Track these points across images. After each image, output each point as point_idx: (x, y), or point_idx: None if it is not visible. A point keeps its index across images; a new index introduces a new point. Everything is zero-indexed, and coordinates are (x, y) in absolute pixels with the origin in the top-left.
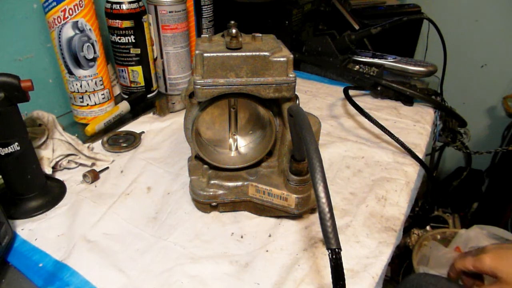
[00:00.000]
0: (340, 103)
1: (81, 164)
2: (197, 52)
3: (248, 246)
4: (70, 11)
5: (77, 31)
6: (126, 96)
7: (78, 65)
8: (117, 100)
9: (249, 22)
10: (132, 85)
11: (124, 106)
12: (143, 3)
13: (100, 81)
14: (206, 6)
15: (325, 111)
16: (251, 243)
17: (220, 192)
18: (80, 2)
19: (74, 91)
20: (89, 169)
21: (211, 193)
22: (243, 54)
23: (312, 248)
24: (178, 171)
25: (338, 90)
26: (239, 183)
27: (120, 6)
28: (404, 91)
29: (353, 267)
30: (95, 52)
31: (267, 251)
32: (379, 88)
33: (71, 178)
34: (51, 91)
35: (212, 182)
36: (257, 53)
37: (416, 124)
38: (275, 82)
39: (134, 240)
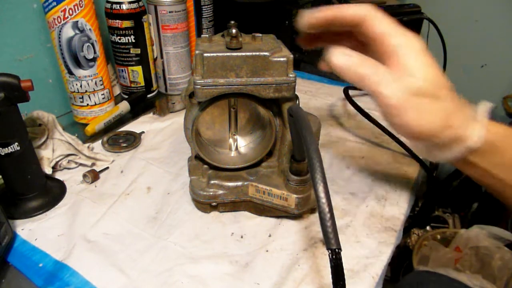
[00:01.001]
0: (340, 103)
1: (81, 164)
2: (197, 52)
3: (248, 246)
4: (70, 11)
5: (77, 31)
6: (126, 96)
7: (78, 65)
8: (117, 100)
9: (249, 22)
10: (132, 85)
11: (124, 106)
12: (143, 3)
13: (100, 81)
14: (206, 6)
15: (325, 111)
16: (251, 243)
17: (220, 192)
18: (80, 2)
19: (74, 91)
20: (89, 169)
21: (211, 193)
22: (243, 54)
23: (312, 248)
24: (178, 171)
25: (338, 90)
26: (239, 183)
27: (120, 6)
28: None
29: (353, 267)
30: (95, 52)
31: (267, 251)
32: None
33: (71, 178)
34: (51, 91)
35: (212, 182)
36: (257, 53)
37: None
38: (275, 82)
39: (134, 240)
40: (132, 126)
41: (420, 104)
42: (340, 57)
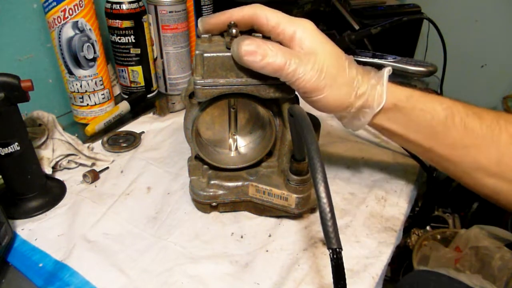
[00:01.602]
0: None
1: (81, 164)
2: (197, 52)
3: (248, 246)
4: (70, 11)
5: (77, 31)
6: (126, 96)
7: (78, 65)
8: (117, 100)
9: None
10: (132, 85)
11: (124, 106)
12: (143, 3)
13: (100, 81)
14: (206, 6)
15: None
16: (251, 243)
17: (220, 192)
18: (80, 2)
19: (74, 91)
20: (89, 169)
21: (211, 193)
22: None
23: (312, 248)
24: (178, 171)
25: None
26: (239, 183)
27: (120, 6)
28: None
29: (353, 267)
30: (95, 52)
31: (267, 251)
32: None
33: (71, 178)
34: (51, 91)
35: (212, 182)
36: None
37: None
38: (275, 82)
39: (134, 240)
40: (132, 126)
41: (331, 81)
42: (252, 45)
